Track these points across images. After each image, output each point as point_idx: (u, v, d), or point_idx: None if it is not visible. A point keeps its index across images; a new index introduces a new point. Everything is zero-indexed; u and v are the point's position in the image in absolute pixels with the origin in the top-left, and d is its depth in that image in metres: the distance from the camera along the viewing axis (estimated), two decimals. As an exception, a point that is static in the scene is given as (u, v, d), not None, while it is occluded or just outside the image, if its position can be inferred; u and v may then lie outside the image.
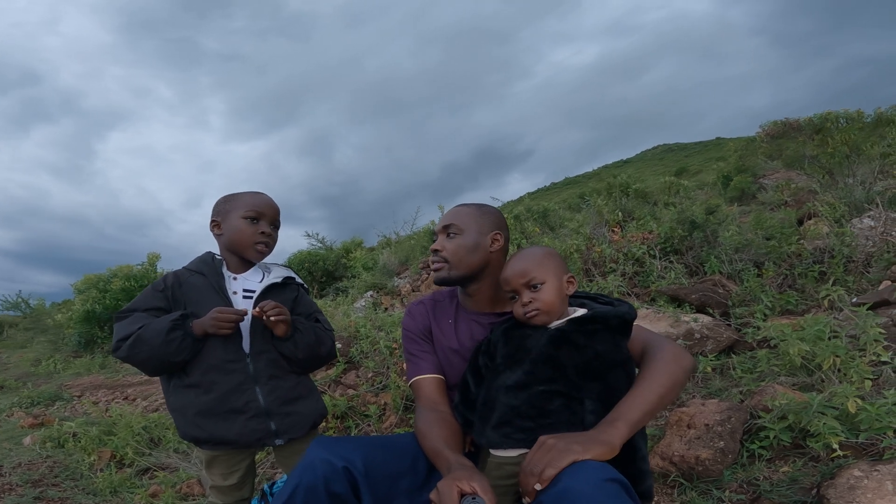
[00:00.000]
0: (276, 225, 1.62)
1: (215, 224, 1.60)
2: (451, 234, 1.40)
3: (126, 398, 5.16)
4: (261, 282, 1.59)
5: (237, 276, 1.59)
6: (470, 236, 1.38)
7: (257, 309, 1.42)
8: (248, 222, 1.54)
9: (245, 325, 1.50)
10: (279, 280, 1.60)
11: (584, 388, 1.14)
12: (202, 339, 1.45)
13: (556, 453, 0.94)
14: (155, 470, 2.89)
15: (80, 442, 3.24)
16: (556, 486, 0.88)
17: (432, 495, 1.01)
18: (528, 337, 1.23)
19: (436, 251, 1.41)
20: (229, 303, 1.51)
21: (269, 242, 1.58)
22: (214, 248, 1.65)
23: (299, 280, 1.70)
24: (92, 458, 3.07)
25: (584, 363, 1.16)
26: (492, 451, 1.18)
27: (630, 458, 1.06)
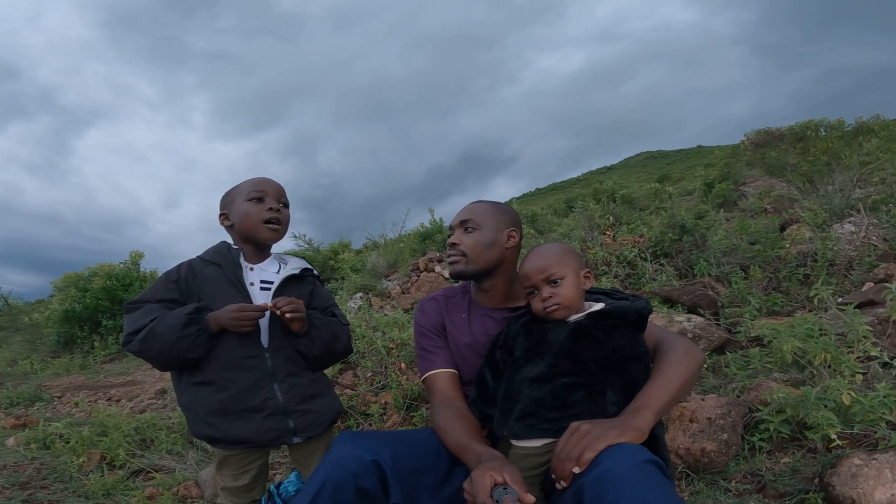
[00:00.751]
0: (284, 203, 1.58)
1: (224, 216, 1.58)
2: (469, 229, 1.42)
3: (109, 399, 5.05)
4: (277, 272, 1.56)
5: (254, 266, 1.55)
6: (487, 232, 1.40)
7: (271, 304, 1.39)
8: (253, 203, 1.52)
9: (264, 320, 1.46)
10: (297, 271, 1.57)
11: (606, 380, 1.17)
12: (218, 334, 1.41)
13: (592, 437, 0.97)
14: (148, 472, 2.84)
15: (68, 443, 3.16)
16: (597, 469, 0.91)
17: (465, 485, 1.02)
18: (549, 331, 1.25)
19: (453, 245, 1.43)
20: (246, 294, 1.47)
21: (280, 219, 1.54)
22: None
23: (316, 272, 1.67)
24: (81, 460, 2.99)
25: (605, 356, 1.19)
26: (515, 443, 1.20)
27: (652, 447, 1.10)
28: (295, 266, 1.59)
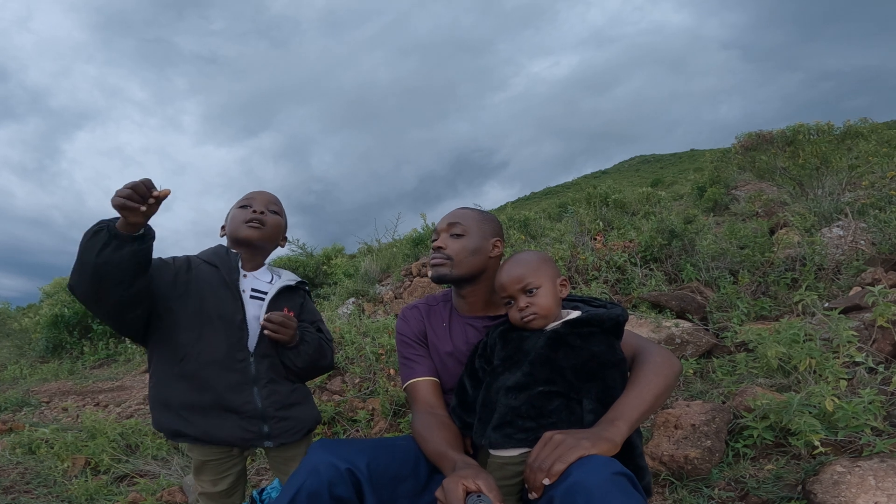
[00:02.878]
0: (273, 210, 1.62)
1: (222, 228, 1.65)
2: (455, 234, 1.41)
3: (97, 404, 5.00)
4: (270, 282, 1.59)
5: (247, 273, 1.57)
6: (473, 239, 1.39)
7: (264, 319, 1.42)
8: (241, 209, 1.59)
9: (254, 327, 1.48)
10: (293, 283, 1.60)
11: (582, 388, 1.16)
12: (141, 241, 1.21)
13: (564, 448, 0.96)
14: (133, 477, 2.81)
15: (52, 448, 3.12)
16: (567, 481, 0.90)
17: (438, 493, 1.01)
18: (526, 339, 1.24)
19: (439, 248, 1.41)
20: (240, 298, 1.49)
21: (262, 220, 1.56)
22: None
23: (307, 287, 1.71)
24: (65, 465, 2.96)
25: (581, 364, 1.18)
26: (492, 452, 1.19)
27: (629, 456, 1.09)
28: (290, 278, 1.63)
